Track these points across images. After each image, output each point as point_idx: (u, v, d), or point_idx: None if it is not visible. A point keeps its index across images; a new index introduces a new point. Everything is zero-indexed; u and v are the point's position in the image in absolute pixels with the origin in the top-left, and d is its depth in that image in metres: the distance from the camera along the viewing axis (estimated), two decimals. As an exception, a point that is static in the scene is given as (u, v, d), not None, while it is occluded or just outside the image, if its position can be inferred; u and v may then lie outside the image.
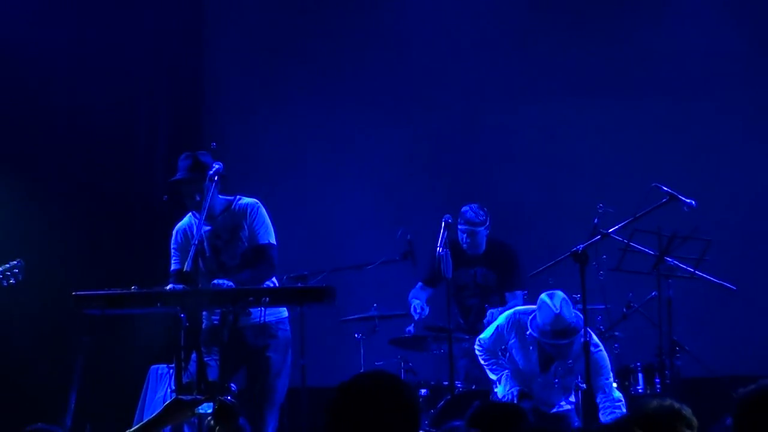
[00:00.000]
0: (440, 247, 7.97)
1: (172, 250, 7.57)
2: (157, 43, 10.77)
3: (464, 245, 9.37)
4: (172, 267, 7.56)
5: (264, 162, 10.98)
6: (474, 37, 11.04)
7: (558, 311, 8.04)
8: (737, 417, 4.02)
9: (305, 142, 11.08)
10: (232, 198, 7.44)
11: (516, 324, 8.39)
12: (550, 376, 8.35)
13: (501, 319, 8.53)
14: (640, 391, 8.84)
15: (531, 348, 8.36)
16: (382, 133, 11.06)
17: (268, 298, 6.86)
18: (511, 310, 8.57)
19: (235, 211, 7.44)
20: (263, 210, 7.54)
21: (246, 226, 7.45)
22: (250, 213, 7.47)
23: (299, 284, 8.70)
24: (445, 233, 8.01)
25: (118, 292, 6.90)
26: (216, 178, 7.26)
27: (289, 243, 10.42)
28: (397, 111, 11.07)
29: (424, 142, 11.03)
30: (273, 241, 7.51)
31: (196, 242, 7.03)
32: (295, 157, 11.04)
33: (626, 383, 8.86)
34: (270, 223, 7.55)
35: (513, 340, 8.42)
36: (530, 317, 8.25)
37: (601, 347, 8.29)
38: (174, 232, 7.60)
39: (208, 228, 7.44)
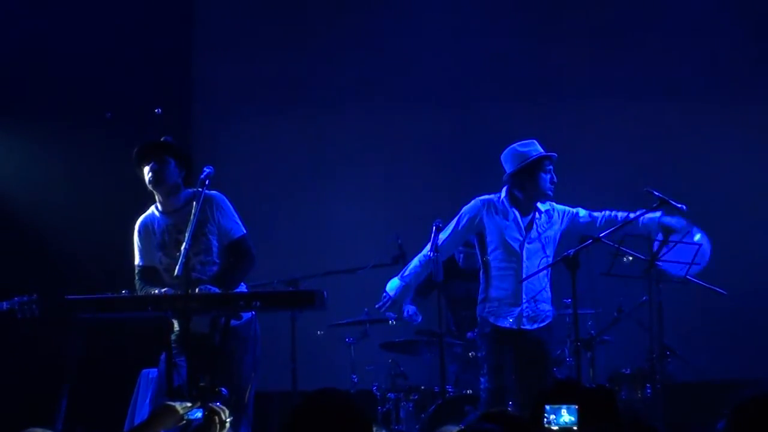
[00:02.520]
0: (430, 251, 7.97)
1: (137, 244, 7.51)
2: (146, 46, 10.77)
3: (460, 263, 9.40)
4: (138, 261, 7.50)
5: (255, 165, 10.98)
6: (464, 41, 11.04)
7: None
8: (732, 426, 4.00)
9: (297, 145, 11.07)
10: (193, 191, 7.34)
11: (485, 204, 8.33)
12: (533, 239, 8.25)
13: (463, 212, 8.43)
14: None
15: (511, 214, 8.28)
16: (374, 136, 11.06)
17: (259, 303, 6.84)
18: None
19: (200, 204, 7.29)
20: (228, 202, 7.45)
21: (213, 221, 7.36)
22: (216, 207, 7.37)
23: (290, 288, 8.70)
24: (436, 237, 8.01)
25: (109, 296, 6.88)
26: (207, 182, 7.21)
27: (281, 247, 10.45)
28: (389, 114, 11.07)
29: (417, 145, 11.03)
30: (245, 230, 7.45)
31: (188, 247, 6.98)
32: (287, 161, 11.03)
33: (617, 388, 8.87)
34: (236, 213, 7.48)
35: (487, 218, 8.28)
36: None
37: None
38: (137, 226, 7.53)
39: (169, 221, 7.37)
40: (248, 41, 11.20)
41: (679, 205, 8.11)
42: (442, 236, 8.18)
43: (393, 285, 8.25)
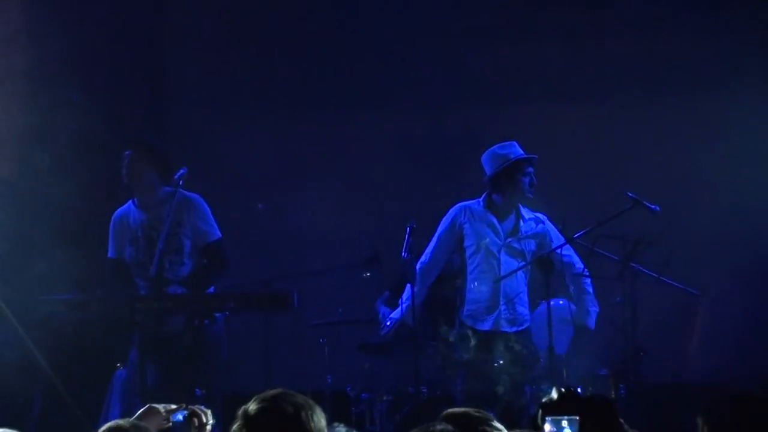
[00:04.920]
0: (404, 252, 7.98)
1: (110, 237, 7.50)
2: (120, 44, 10.74)
3: None
4: (109, 254, 7.49)
5: (229, 166, 10.95)
6: (441, 42, 11.04)
7: None
8: (704, 427, 4.01)
9: (270, 145, 11.05)
10: (171, 190, 7.32)
11: (463, 209, 8.37)
12: (513, 242, 8.27)
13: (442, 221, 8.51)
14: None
15: (488, 218, 8.30)
16: (348, 136, 11.05)
17: (232, 304, 6.85)
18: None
19: (175, 204, 7.27)
20: (204, 204, 7.45)
21: (188, 223, 7.35)
22: (193, 209, 7.37)
23: (264, 289, 8.69)
24: (410, 239, 8.02)
25: (83, 296, 6.88)
26: (181, 182, 7.21)
27: (254, 248, 10.42)
28: (363, 113, 11.06)
29: (391, 146, 11.03)
30: (219, 233, 7.45)
31: (162, 247, 6.97)
32: (260, 161, 11.01)
33: (590, 389, 8.86)
34: (211, 215, 7.46)
35: (467, 224, 8.33)
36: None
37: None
38: (112, 219, 7.52)
39: (144, 217, 7.36)
40: (222, 43, 11.17)
41: (652, 206, 8.15)
42: (427, 251, 8.26)
43: (395, 311, 8.33)
